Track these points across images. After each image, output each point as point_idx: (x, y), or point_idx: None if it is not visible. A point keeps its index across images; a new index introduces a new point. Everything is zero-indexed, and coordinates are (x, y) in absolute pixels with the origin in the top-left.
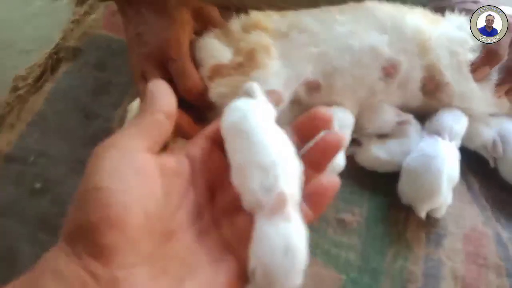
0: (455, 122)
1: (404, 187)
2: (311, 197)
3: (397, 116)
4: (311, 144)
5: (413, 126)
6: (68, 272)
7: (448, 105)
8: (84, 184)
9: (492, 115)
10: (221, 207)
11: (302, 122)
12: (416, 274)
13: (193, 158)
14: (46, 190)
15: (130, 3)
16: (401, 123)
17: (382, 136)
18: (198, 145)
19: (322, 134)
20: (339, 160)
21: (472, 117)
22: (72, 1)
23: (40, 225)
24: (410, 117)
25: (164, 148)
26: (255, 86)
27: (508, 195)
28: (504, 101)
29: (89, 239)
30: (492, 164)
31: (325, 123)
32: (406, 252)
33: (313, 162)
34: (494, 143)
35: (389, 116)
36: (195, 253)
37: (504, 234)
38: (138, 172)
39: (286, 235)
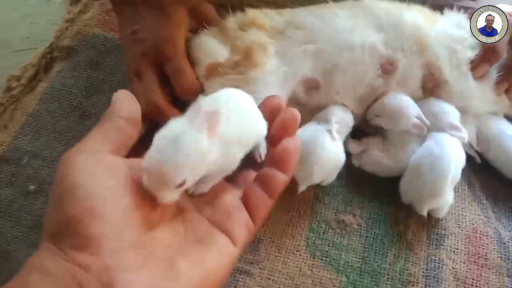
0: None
1: (406, 186)
2: (278, 160)
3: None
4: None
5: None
6: (55, 268)
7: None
8: (58, 186)
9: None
10: (202, 199)
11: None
12: (417, 275)
13: None
14: (40, 192)
15: (125, 2)
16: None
17: (384, 142)
18: None
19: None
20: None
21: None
22: (66, 0)
23: (34, 226)
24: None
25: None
26: None
27: (509, 194)
28: (504, 99)
29: (73, 232)
30: (478, 160)
31: (277, 110)
32: (407, 253)
33: (275, 138)
34: (479, 139)
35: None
36: (181, 237)
37: (505, 234)
38: (108, 169)
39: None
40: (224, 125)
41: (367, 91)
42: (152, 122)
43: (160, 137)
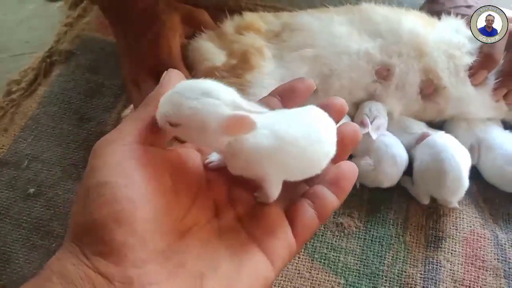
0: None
1: (429, 188)
2: (333, 183)
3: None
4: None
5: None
6: (76, 274)
7: (445, 109)
8: (85, 182)
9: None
10: (244, 207)
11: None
12: (415, 277)
13: (206, 152)
14: (39, 195)
15: (118, 12)
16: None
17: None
18: None
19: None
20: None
21: (454, 121)
22: (65, 4)
23: (34, 229)
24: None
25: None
26: None
27: (505, 196)
28: (502, 105)
29: (97, 237)
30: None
31: (339, 113)
32: (405, 255)
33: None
34: (471, 148)
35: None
36: (214, 249)
37: (502, 236)
38: (142, 165)
39: None
40: (300, 136)
41: (364, 96)
42: None
43: (190, 83)
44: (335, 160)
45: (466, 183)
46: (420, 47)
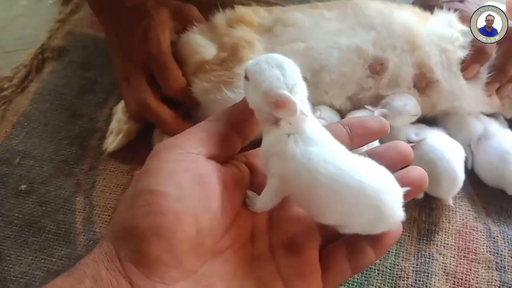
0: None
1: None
2: (376, 238)
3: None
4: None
5: None
6: (108, 281)
7: (437, 103)
8: (138, 183)
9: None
10: (282, 237)
11: (382, 150)
12: (407, 270)
13: (255, 169)
14: (31, 191)
15: (108, 9)
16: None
17: None
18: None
19: (406, 169)
20: None
21: (450, 117)
22: (58, 1)
23: (26, 226)
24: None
25: None
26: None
27: (497, 190)
28: (495, 99)
29: (135, 246)
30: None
31: (405, 158)
32: (398, 249)
33: None
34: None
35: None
36: (243, 277)
37: (494, 229)
38: (197, 179)
39: None
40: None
41: (357, 90)
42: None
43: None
44: None
45: (461, 181)
46: (413, 40)
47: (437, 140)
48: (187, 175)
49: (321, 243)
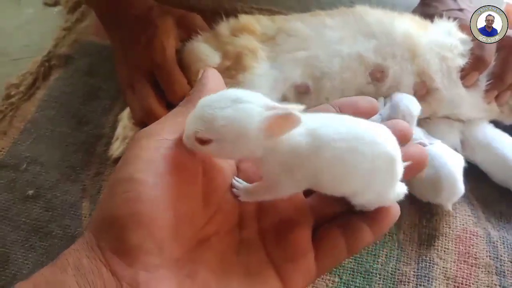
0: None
1: (426, 195)
2: (373, 218)
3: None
4: None
5: None
6: (89, 269)
7: (437, 111)
8: (117, 172)
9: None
10: (271, 221)
11: None
12: (408, 275)
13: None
14: (38, 197)
15: (113, 17)
16: None
17: None
18: None
19: (406, 146)
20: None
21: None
22: (64, 9)
23: (33, 231)
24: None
25: None
26: None
27: (497, 194)
28: (493, 106)
29: (115, 235)
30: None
31: (405, 136)
32: (399, 253)
33: None
34: (464, 144)
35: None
36: (229, 264)
37: (494, 234)
38: (175, 166)
39: None
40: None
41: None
42: None
43: (223, 92)
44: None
45: (461, 189)
46: (413, 49)
47: (439, 148)
48: (165, 161)
49: (315, 224)
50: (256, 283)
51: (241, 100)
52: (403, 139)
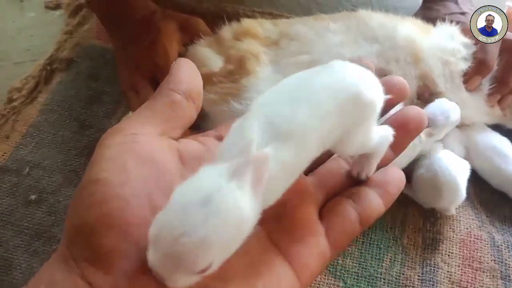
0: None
1: (429, 200)
2: (380, 186)
3: None
4: (388, 117)
5: None
6: (64, 283)
7: None
8: (83, 176)
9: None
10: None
11: None
12: (413, 279)
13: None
14: (41, 201)
15: (117, 21)
16: None
17: None
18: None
19: (399, 107)
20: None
21: None
22: (66, 12)
23: (35, 235)
24: None
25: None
26: None
27: (501, 198)
28: (496, 110)
29: (85, 242)
30: None
31: (401, 93)
32: (403, 258)
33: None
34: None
35: None
36: None
37: (499, 237)
38: (144, 159)
39: None
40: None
41: None
42: None
43: (183, 193)
44: (393, 147)
45: (463, 193)
46: (416, 53)
47: (442, 153)
48: (130, 156)
49: (322, 202)
50: (262, 273)
51: (210, 197)
52: (400, 94)
